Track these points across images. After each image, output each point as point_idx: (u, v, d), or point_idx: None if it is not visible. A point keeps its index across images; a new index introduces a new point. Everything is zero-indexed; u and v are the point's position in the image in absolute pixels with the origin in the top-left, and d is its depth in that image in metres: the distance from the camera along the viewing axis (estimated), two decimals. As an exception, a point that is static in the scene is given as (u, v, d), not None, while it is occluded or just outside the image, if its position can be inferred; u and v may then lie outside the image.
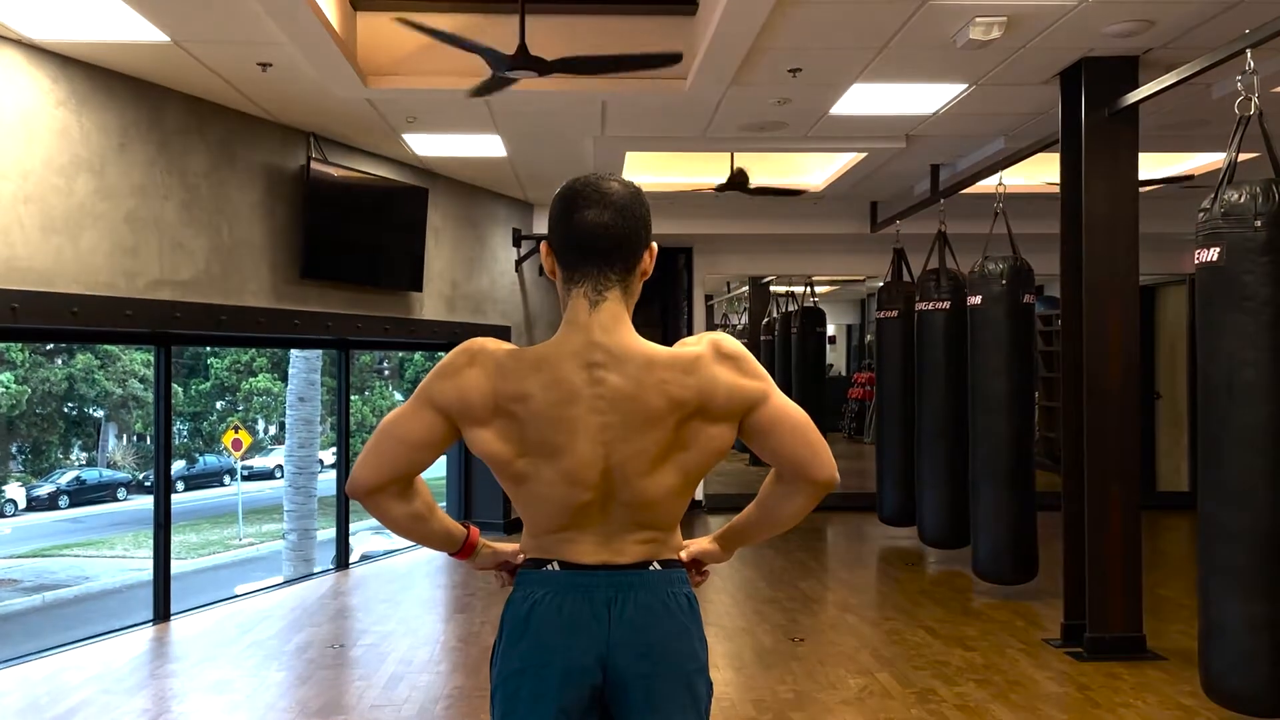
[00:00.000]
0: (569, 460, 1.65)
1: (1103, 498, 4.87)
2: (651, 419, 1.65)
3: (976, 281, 5.95)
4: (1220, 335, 3.63)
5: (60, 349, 23.29)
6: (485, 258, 8.27)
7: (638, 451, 1.65)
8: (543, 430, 1.65)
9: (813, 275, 11.24)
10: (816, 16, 4.30)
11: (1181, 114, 5.72)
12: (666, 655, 1.69)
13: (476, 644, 5.25)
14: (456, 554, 1.85)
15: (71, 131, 4.79)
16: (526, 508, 1.73)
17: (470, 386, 1.67)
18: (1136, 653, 4.82)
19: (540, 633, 1.69)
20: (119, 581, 18.03)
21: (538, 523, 1.73)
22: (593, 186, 1.69)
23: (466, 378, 1.68)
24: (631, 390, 1.65)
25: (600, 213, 1.67)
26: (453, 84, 4.97)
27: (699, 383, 1.66)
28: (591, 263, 1.68)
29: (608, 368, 1.65)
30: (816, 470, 1.73)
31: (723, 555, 1.93)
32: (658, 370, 1.66)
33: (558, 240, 1.71)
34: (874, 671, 4.69)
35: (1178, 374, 9.66)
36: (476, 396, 1.67)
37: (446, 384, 1.69)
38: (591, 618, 1.68)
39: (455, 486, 8.64)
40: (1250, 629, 3.55)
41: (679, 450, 1.68)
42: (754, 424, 1.71)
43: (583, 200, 1.68)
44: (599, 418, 1.65)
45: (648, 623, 1.69)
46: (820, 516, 9.38)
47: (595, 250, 1.67)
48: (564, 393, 1.65)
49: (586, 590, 1.69)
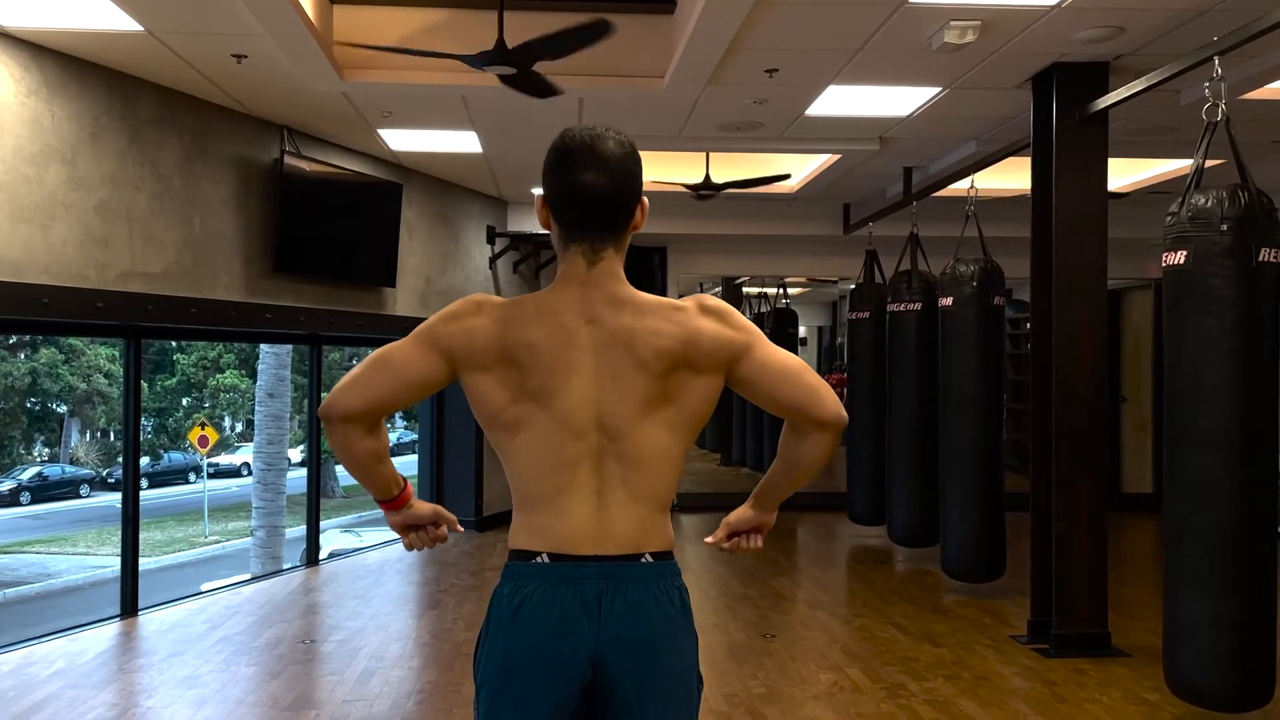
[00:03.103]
0: (562, 403, 1.66)
1: (1070, 496, 4.94)
2: (640, 363, 1.68)
3: (947, 283, 6.01)
4: (1186, 337, 3.70)
5: (24, 343, 22.96)
6: (459, 254, 8.25)
7: (626, 393, 1.67)
8: (542, 376, 1.67)
9: (786, 276, 11.28)
10: (794, 17, 4.34)
11: (1151, 120, 5.81)
12: (658, 651, 1.68)
13: (449, 640, 5.24)
14: (388, 503, 1.83)
15: (43, 121, 4.74)
16: (519, 466, 1.70)
17: (477, 330, 1.69)
18: (1102, 649, 4.89)
19: (529, 627, 1.66)
20: (82, 578, 17.80)
21: (529, 483, 1.70)
22: (589, 148, 1.69)
23: (474, 323, 1.70)
24: (624, 336, 1.68)
25: (598, 176, 1.68)
26: (429, 79, 4.97)
27: (684, 333, 1.70)
28: (589, 224, 1.71)
29: (603, 316, 1.69)
30: (818, 410, 1.73)
31: (763, 515, 1.92)
32: (648, 318, 1.70)
33: (555, 198, 1.72)
34: (844, 667, 4.73)
35: (1143, 377, 9.81)
36: (482, 340, 1.69)
37: (454, 326, 1.70)
38: (582, 612, 1.65)
39: (427, 479, 8.61)
40: (1213, 626, 3.62)
41: (666, 402, 1.70)
42: (743, 374, 1.73)
43: (580, 162, 1.69)
44: (592, 359, 1.68)
45: (639, 618, 1.67)
46: (791, 516, 9.43)
47: (594, 211, 1.70)
48: (564, 339, 1.68)
49: (577, 583, 1.66)
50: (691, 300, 1.76)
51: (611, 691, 1.66)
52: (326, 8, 4.68)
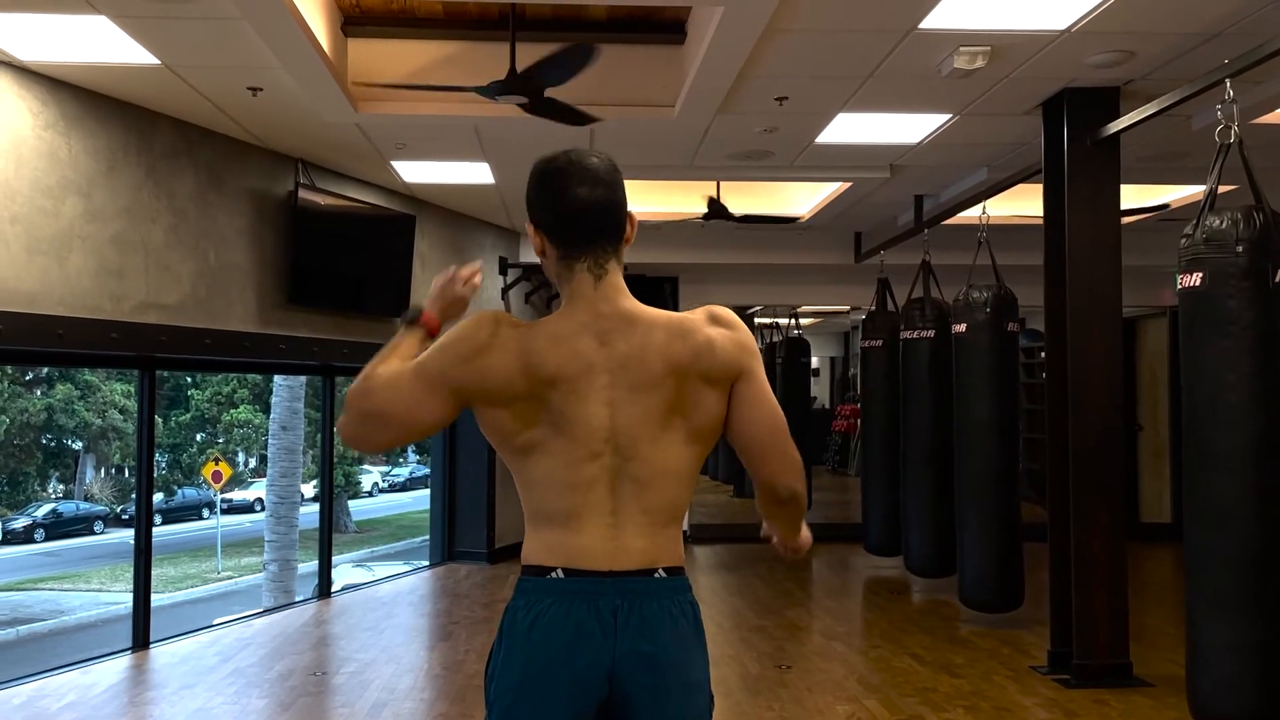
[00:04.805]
0: (579, 427, 1.66)
1: (1088, 524, 4.88)
2: (654, 380, 1.68)
3: (961, 310, 5.99)
4: (1203, 359, 3.67)
5: (40, 379, 23.10)
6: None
7: (643, 412, 1.67)
8: (560, 403, 1.66)
9: (798, 305, 11.28)
10: (803, 45, 4.36)
11: (1162, 146, 5.81)
12: (673, 666, 1.67)
13: (460, 672, 5.20)
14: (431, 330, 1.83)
15: (60, 154, 4.79)
16: (533, 485, 1.69)
17: (491, 369, 1.66)
18: (1123, 679, 4.82)
19: (544, 644, 1.64)
20: (95, 615, 17.77)
21: (544, 504, 1.69)
22: (577, 164, 1.72)
23: (491, 361, 1.66)
24: (637, 353, 1.68)
25: (592, 189, 1.71)
26: (442, 110, 5.00)
27: (696, 344, 1.70)
28: (590, 238, 1.72)
29: (615, 335, 1.69)
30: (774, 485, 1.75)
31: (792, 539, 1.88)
32: (658, 333, 1.70)
33: (551, 220, 1.73)
34: (861, 698, 4.67)
35: (1159, 405, 9.74)
36: (498, 379, 1.66)
37: (469, 369, 1.67)
38: (598, 628, 1.64)
39: (439, 512, 8.59)
40: (1237, 652, 3.56)
41: (680, 415, 1.70)
42: (739, 392, 1.74)
43: (571, 179, 1.71)
44: (607, 380, 1.67)
45: (654, 633, 1.66)
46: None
47: (593, 226, 1.71)
48: (581, 366, 1.67)
49: (592, 599, 1.65)
50: (701, 311, 1.77)
51: (627, 706, 1.65)
52: (341, 41, 4.73)
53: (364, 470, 28.76)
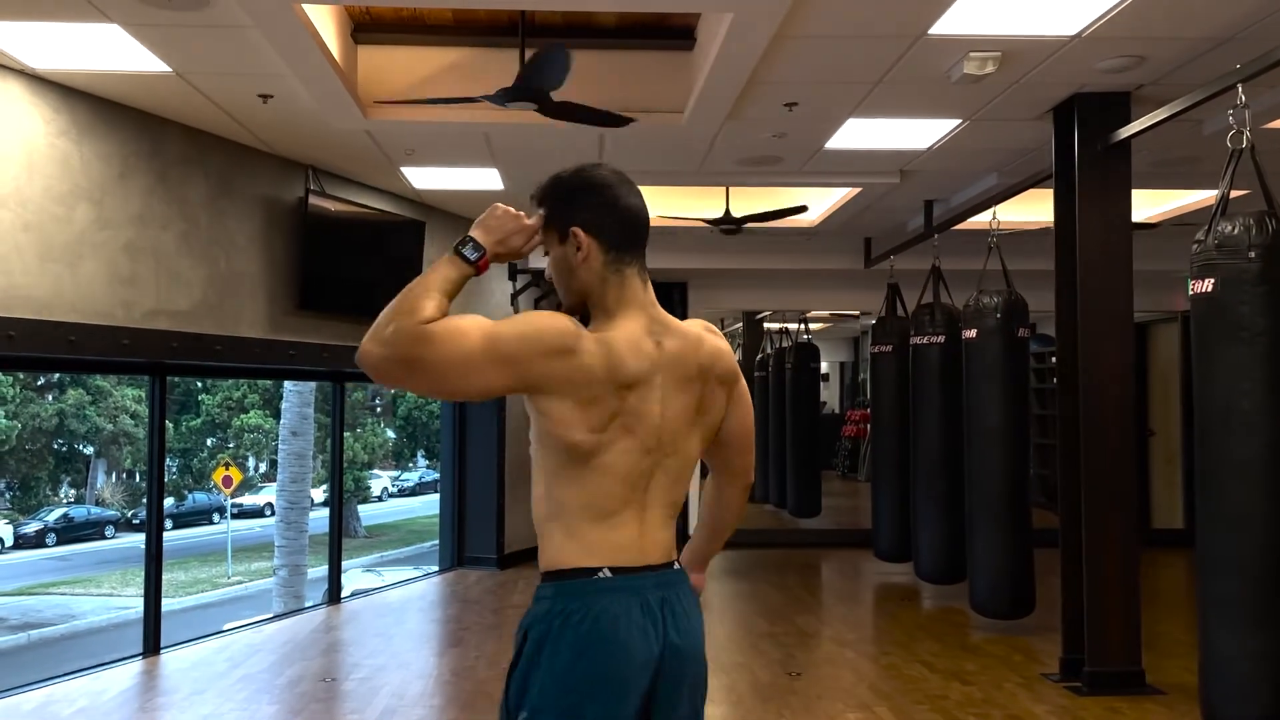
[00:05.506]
0: (645, 425, 1.73)
1: (1100, 531, 4.86)
2: (690, 379, 1.79)
3: (971, 315, 5.97)
4: (1215, 366, 3.65)
5: (51, 384, 23.20)
6: (481, 291, 8.29)
7: (682, 409, 1.78)
8: (636, 405, 1.72)
9: (807, 311, 11.26)
10: (812, 51, 4.36)
11: (1173, 151, 5.79)
12: (695, 659, 1.76)
13: (470, 678, 5.19)
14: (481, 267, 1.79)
15: (72, 161, 4.81)
16: (587, 483, 1.69)
17: (580, 370, 1.66)
18: (1136, 687, 4.79)
19: (607, 644, 1.65)
20: (105, 620, 17.82)
21: (595, 501, 1.70)
22: (619, 176, 1.82)
23: (578, 362, 1.66)
24: (679, 354, 1.78)
25: (638, 199, 1.82)
26: (451, 117, 5.01)
27: (711, 349, 1.84)
28: (639, 245, 1.81)
29: (664, 335, 1.78)
30: (748, 472, 1.99)
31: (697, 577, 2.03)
32: (688, 337, 1.82)
33: (611, 224, 1.77)
34: (872, 706, 4.65)
35: (1171, 411, 9.70)
36: (583, 380, 1.66)
37: (553, 366, 1.65)
38: (648, 622, 1.69)
39: (449, 518, 8.58)
40: (1250, 659, 3.53)
41: (700, 414, 1.81)
42: (736, 395, 1.89)
43: (621, 188, 1.80)
44: (660, 380, 1.75)
45: (688, 624, 1.75)
46: (815, 553, 9.35)
47: (642, 234, 1.81)
48: (650, 366, 1.74)
49: (640, 594, 1.70)
50: (697, 323, 1.88)
51: (665, 694, 1.70)
52: (351, 48, 4.74)
53: (373, 475, 28.82)
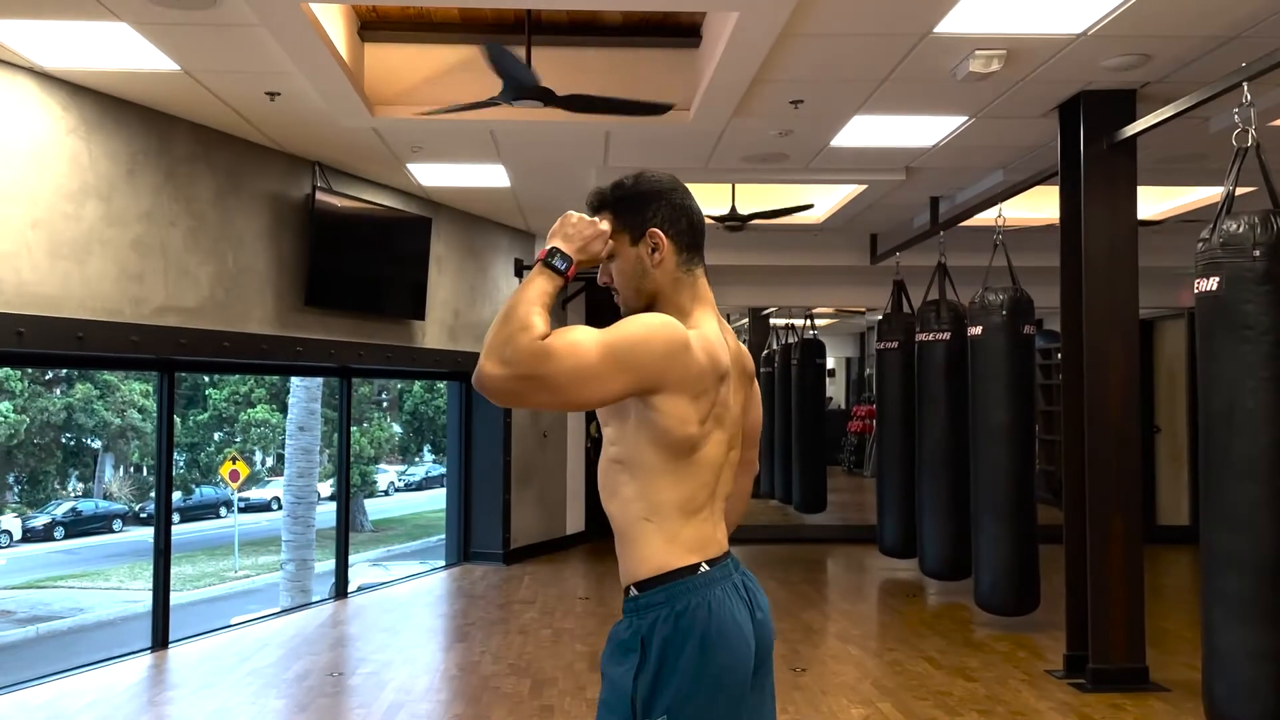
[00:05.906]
0: (729, 416, 1.81)
1: (1104, 528, 4.87)
2: (747, 375, 1.94)
3: (976, 312, 5.98)
4: (1220, 364, 3.65)
5: (59, 378, 23.28)
6: (488, 287, 8.31)
7: (743, 401, 1.89)
8: (726, 396, 1.80)
9: (813, 307, 11.26)
10: (818, 48, 4.36)
11: (1179, 148, 5.78)
12: (772, 626, 1.87)
13: (476, 673, 5.22)
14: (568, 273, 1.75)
15: (81, 158, 4.84)
16: (687, 479, 1.73)
17: (693, 365, 1.72)
18: (1139, 684, 4.80)
19: (730, 637, 1.71)
20: (114, 613, 17.89)
21: (694, 496, 1.75)
22: (676, 179, 1.89)
23: (691, 358, 1.72)
24: (741, 352, 1.92)
25: (697, 202, 1.91)
26: (458, 114, 5.02)
27: (744, 350, 1.95)
28: (702, 246, 1.90)
29: (726, 332, 1.88)
30: (756, 463, 2.06)
31: None
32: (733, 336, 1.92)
33: (688, 228, 1.86)
34: (876, 702, 4.67)
35: (1176, 407, 9.69)
36: (695, 374, 1.72)
37: (673, 364, 1.68)
38: (745, 608, 1.78)
39: (455, 513, 8.61)
40: (1253, 657, 3.54)
41: (741, 407, 1.90)
42: (753, 393, 1.99)
43: (686, 193, 1.89)
44: (734, 373, 1.85)
45: (763, 600, 1.86)
46: (821, 549, 9.36)
47: (703, 235, 1.90)
48: (731, 359, 1.83)
49: (732, 581, 1.78)
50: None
51: (758, 672, 1.80)
52: (358, 46, 4.76)
53: (380, 470, 28.89)
